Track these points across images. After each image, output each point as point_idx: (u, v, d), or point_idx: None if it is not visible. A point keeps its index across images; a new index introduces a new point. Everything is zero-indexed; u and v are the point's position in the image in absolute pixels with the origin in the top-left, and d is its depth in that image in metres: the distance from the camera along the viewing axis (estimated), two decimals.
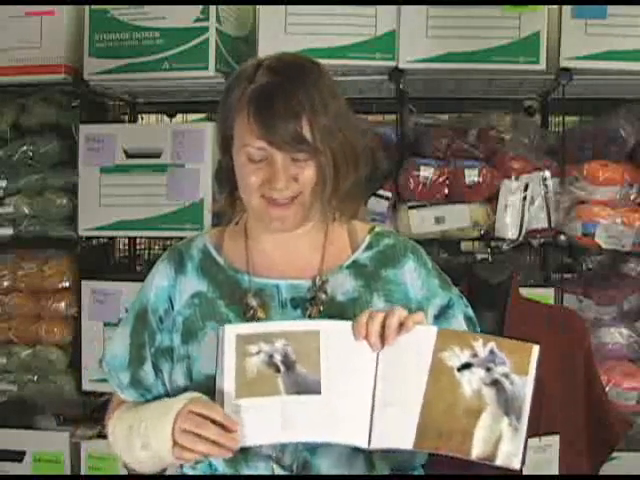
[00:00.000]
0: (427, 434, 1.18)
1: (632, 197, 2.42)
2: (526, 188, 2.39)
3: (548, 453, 1.86)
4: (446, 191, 2.44)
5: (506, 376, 1.18)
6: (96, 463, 2.61)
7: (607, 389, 2.22)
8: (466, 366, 1.19)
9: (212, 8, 2.46)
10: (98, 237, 2.72)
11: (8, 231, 2.70)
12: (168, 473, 1.40)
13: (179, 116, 3.13)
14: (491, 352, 1.19)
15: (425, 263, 1.40)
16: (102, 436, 2.55)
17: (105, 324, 2.58)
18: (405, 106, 2.60)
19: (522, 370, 1.18)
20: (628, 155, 2.47)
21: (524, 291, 2.04)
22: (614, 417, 1.99)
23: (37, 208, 2.67)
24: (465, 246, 2.69)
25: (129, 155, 2.57)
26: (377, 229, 1.43)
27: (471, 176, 2.42)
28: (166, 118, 3.13)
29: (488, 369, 1.18)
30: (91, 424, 2.69)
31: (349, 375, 1.21)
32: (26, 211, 2.68)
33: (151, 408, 1.31)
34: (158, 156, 2.55)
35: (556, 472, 1.88)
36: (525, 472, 1.85)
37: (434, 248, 2.54)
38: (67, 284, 2.66)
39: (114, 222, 2.57)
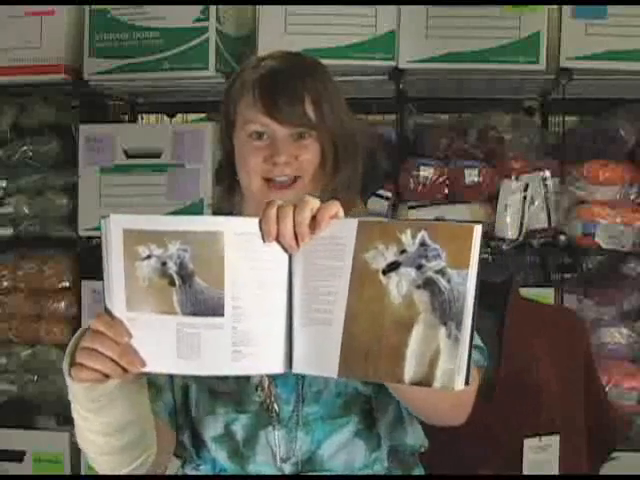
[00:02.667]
0: (352, 357, 0.97)
1: (632, 197, 2.42)
2: (526, 188, 2.39)
3: (548, 453, 1.86)
4: (446, 191, 2.45)
5: (442, 273, 0.93)
6: None
7: (607, 389, 2.22)
8: (393, 266, 0.96)
9: (212, 8, 2.46)
10: (98, 237, 2.71)
11: (8, 231, 2.69)
12: (168, 473, 1.40)
13: (179, 116, 3.13)
14: (422, 244, 0.94)
15: None
16: None
17: None
18: (405, 106, 2.60)
19: (461, 262, 0.92)
20: (628, 155, 2.46)
21: (524, 291, 2.05)
22: (614, 417, 2.00)
23: (37, 208, 2.67)
24: None
25: (129, 155, 2.57)
26: None
27: (471, 176, 2.42)
28: (166, 118, 3.12)
29: (419, 267, 0.94)
30: None
31: (259, 288, 1.01)
32: (26, 211, 2.67)
33: None
34: (158, 156, 2.54)
35: (556, 472, 1.89)
36: (525, 472, 1.86)
37: None
38: (67, 284, 2.66)
39: None
